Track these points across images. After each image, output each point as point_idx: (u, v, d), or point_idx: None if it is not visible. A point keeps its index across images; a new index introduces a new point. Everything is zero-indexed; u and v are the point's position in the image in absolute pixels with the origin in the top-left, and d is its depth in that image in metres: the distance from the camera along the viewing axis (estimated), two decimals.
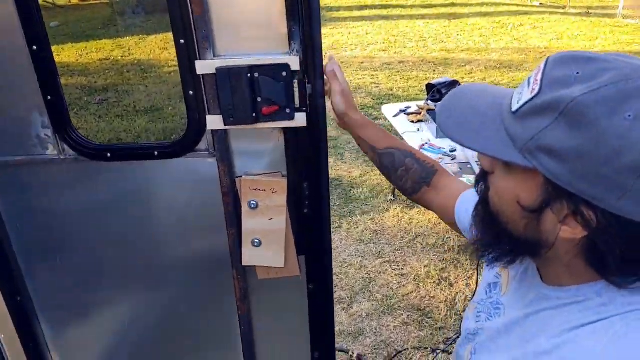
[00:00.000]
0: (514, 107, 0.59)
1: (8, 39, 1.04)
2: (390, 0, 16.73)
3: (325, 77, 1.08)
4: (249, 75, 0.97)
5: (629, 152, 0.51)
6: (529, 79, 0.60)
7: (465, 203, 0.99)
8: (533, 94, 0.57)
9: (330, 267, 1.18)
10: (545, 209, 0.59)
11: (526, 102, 0.57)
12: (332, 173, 4.57)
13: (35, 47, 1.04)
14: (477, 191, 0.71)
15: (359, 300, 3.10)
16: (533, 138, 0.56)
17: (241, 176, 1.11)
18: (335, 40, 10.69)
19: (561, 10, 13.71)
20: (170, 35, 1.01)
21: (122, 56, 8.86)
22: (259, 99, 0.99)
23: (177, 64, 1.02)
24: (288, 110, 1.00)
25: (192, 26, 0.98)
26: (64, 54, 9.07)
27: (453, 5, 15.20)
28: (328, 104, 1.09)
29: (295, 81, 0.98)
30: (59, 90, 1.09)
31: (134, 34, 10.04)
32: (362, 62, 8.87)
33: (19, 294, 1.27)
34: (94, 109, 6.55)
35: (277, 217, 1.11)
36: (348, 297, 3.13)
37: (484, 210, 0.68)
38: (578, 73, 0.54)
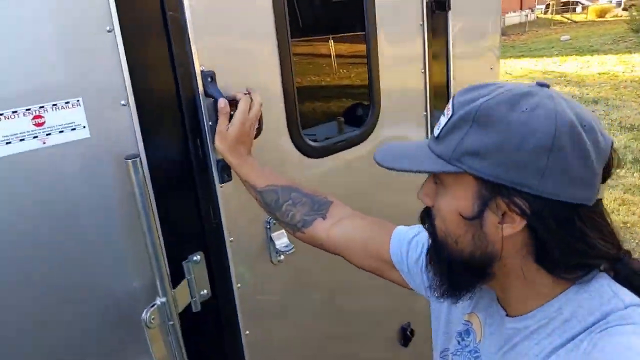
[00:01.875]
0: (436, 134, 0.68)
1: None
2: None
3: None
4: None
5: (533, 136, 0.60)
6: (443, 112, 0.68)
7: (400, 238, 0.95)
8: (448, 117, 0.66)
9: None
10: (484, 212, 0.65)
11: (444, 125, 0.67)
12: None
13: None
14: (426, 230, 0.74)
15: None
16: (456, 148, 0.64)
17: None
18: None
19: None
20: None
21: (623, 72, 9.34)
22: None
23: None
24: None
25: None
26: (568, 64, 10.55)
27: None
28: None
29: None
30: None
31: None
32: None
33: None
34: None
35: None
36: None
37: (435, 244, 0.72)
38: (479, 93, 0.65)
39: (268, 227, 1.31)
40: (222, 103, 1.09)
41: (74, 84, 0.95)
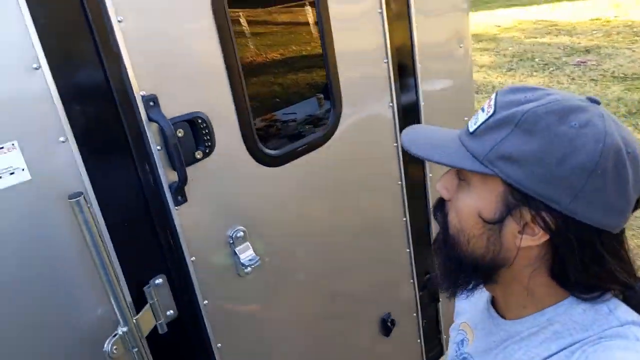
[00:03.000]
0: (471, 129, 0.65)
1: None
2: None
3: None
4: None
5: (578, 154, 0.57)
6: (482, 108, 0.66)
7: None
8: (488, 115, 0.63)
9: None
10: (506, 218, 0.63)
11: (483, 122, 0.64)
12: None
13: None
14: (436, 221, 0.73)
15: None
16: (492, 148, 0.61)
17: None
18: None
19: None
20: None
21: (615, 16, 8.64)
22: None
23: None
24: None
25: None
26: (559, 11, 9.96)
27: None
28: None
29: None
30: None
31: None
32: None
33: None
34: (569, 70, 6.36)
35: None
36: None
37: (444, 237, 0.70)
38: (526, 97, 0.63)
39: (231, 241, 1.30)
40: None
41: (5, 128, 0.93)
